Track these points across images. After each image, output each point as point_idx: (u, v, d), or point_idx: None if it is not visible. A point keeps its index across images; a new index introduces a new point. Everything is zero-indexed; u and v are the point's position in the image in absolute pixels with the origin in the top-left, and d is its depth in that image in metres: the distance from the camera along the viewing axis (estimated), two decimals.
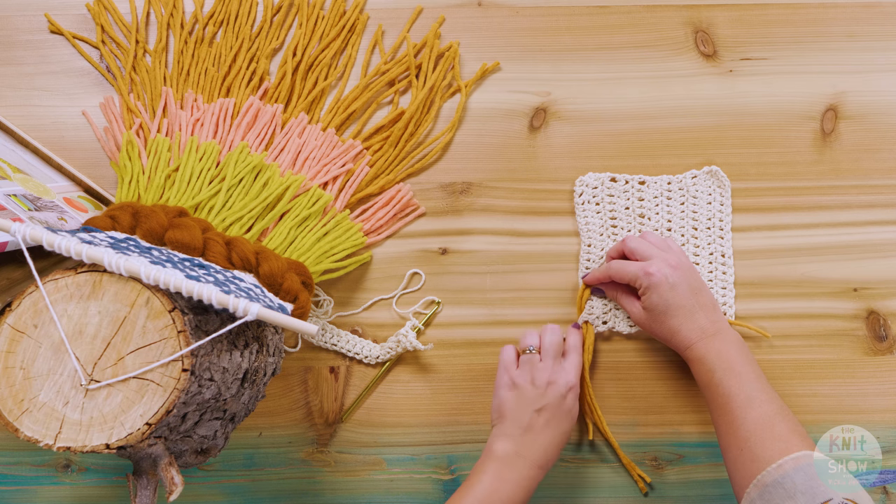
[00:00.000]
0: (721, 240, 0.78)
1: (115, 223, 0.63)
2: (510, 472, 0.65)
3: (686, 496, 0.75)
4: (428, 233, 0.80)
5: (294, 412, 0.77)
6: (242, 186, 0.75)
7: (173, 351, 0.53)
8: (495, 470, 0.65)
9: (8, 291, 0.65)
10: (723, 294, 0.77)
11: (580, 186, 0.79)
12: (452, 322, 0.78)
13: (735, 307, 0.77)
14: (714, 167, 0.79)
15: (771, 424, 0.62)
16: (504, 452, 0.66)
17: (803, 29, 0.83)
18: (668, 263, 0.69)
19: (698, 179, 0.79)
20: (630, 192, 0.79)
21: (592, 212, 0.78)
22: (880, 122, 0.81)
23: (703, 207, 0.79)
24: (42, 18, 0.84)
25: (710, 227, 0.78)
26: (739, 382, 0.65)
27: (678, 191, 0.79)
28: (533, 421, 0.67)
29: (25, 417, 0.53)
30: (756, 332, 0.76)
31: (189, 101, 0.80)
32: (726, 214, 0.78)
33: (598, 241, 0.78)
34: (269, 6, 0.84)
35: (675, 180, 0.79)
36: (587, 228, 0.78)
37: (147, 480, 0.56)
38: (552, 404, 0.68)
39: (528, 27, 0.84)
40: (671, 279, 0.69)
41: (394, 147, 0.81)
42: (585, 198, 0.79)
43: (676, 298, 0.68)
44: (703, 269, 0.77)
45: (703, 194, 0.79)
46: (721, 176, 0.78)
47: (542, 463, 0.66)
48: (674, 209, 0.79)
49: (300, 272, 0.69)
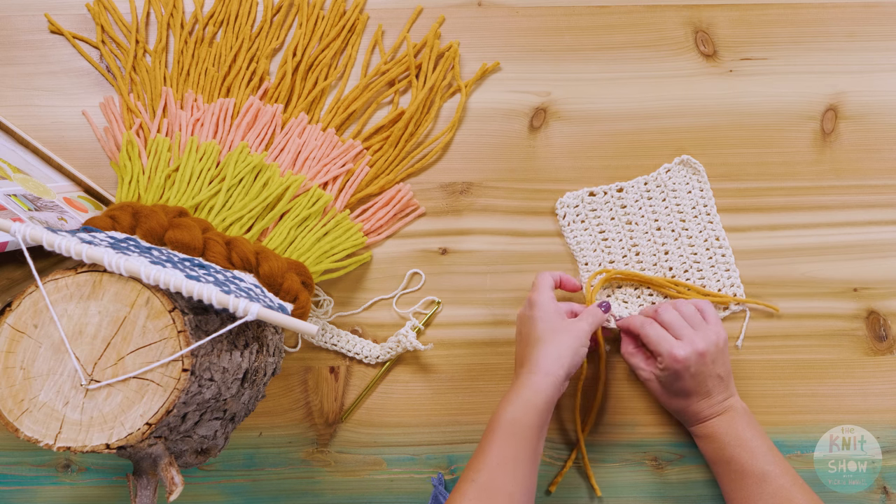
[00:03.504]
0: (711, 224, 0.78)
1: (115, 223, 0.63)
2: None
3: (686, 496, 0.75)
4: (428, 233, 0.80)
5: (294, 412, 0.77)
6: (242, 186, 0.75)
7: (173, 351, 0.53)
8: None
9: (8, 291, 0.65)
10: (728, 276, 0.77)
11: (561, 209, 0.79)
12: (452, 322, 0.78)
13: (743, 286, 0.77)
14: (685, 156, 0.79)
15: (788, 498, 0.62)
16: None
17: (803, 29, 0.83)
18: (696, 350, 0.67)
19: (672, 172, 0.79)
20: (611, 202, 0.79)
21: (580, 230, 0.78)
22: (880, 122, 0.81)
23: (685, 197, 0.79)
24: (42, 18, 0.84)
25: (697, 215, 0.78)
26: (752, 457, 0.64)
27: (656, 188, 0.79)
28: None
29: (25, 417, 0.53)
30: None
31: (189, 101, 0.80)
32: (709, 199, 0.79)
33: (594, 258, 0.78)
34: (269, 6, 0.84)
35: (651, 179, 0.79)
36: (579, 248, 0.78)
37: (147, 480, 0.56)
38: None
39: (527, 27, 0.83)
40: (693, 369, 0.67)
41: (394, 147, 0.81)
42: (569, 218, 0.79)
43: (694, 385, 0.68)
44: (701, 256, 0.77)
45: (681, 185, 0.79)
46: (693, 163, 0.79)
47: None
48: (657, 207, 0.79)
49: (300, 272, 0.69)
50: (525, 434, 0.62)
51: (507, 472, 0.60)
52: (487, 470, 0.60)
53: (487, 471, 0.60)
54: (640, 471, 0.76)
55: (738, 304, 0.76)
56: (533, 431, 0.62)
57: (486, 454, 0.61)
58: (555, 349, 0.66)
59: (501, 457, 0.61)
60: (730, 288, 0.77)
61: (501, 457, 0.61)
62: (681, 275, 0.77)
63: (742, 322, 0.77)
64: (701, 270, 0.77)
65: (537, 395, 0.63)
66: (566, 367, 0.65)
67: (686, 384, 0.68)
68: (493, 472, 0.60)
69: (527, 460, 0.61)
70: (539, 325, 0.68)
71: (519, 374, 0.66)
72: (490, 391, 0.76)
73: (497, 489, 0.59)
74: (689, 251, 0.77)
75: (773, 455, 0.65)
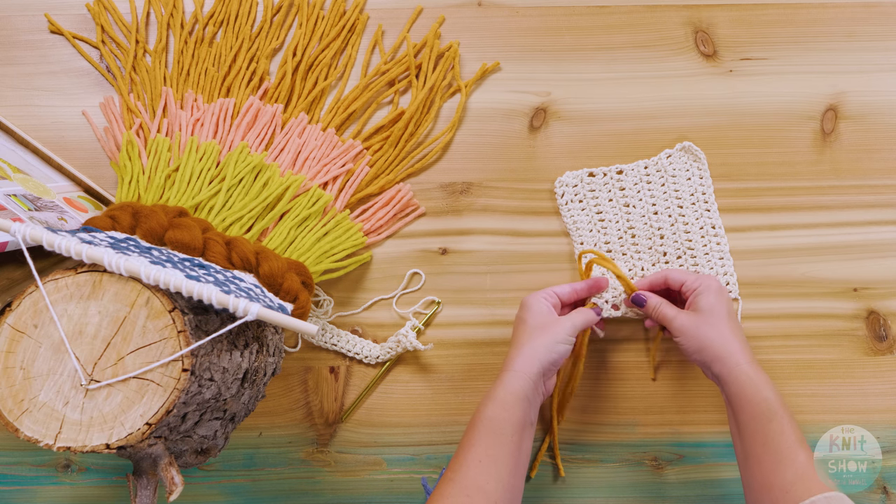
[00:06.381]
0: (708, 212, 0.78)
1: (115, 223, 0.63)
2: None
3: (686, 496, 0.75)
4: (428, 233, 0.80)
5: (294, 412, 0.77)
6: (242, 186, 0.75)
7: (173, 351, 0.53)
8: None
9: (8, 291, 0.65)
10: (721, 265, 0.77)
11: (560, 187, 0.79)
12: (452, 322, 0.78)
13: (736, 275, 0.77)
14: (687, 143, 0.79)
15: (815, 471, 0.60)
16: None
17: (803, 29, 0.83)
18: (718, 280, 0.70)
19: (673, 157, 0.79)
20: (610, 184, 0.79)
21: (577, 210, 0.79)
22: (880, 122, 0.81)
23: (684, 184, 0.79)
24: (42, 18, 0.84)
25: (695, 203, 0.78)
26: (793, 422, 0.63)
27: (656, 173, 0.79)
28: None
29: (25, 417, 0.53)
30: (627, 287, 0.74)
31: (189, 101, 0.80)
32: (707, 187, 0.79)
33: (590, 238, 0.78)
34: (269, 6, 0.84)
35: (652, 163, 0.79)
36: (576, 227, 0.78)
37: (147, 480, 0.56)
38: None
39: (527, 27, 0.83)
40: (724, 290, 0.69)
41: (394, 147, 0.81)
42: (567, 198, 0.79)
43: (728, 307, 0.68)
44: (696, 243, 0.77)
45: (681, 171, 0.79)
46: (695, 150, 0.79)
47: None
48: (656, 191, 0.79)
49: (300, 272, 0.69)
50: (502, 431, 0.62)
51: (483, 470, 0.60)
52: (465, 468, 0.60)
53: (465, 469, 0.60)
54: (640, 471, 0.76)
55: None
56: (509, 428, 0.62)
57: (463, 452, 0.62)
58: (530, 347, 0.66)
59: (478, 455, 0.61)
60: (723, 276, 0.77)
61: (478, 455, 0.61)
62: (674, 260, 0.77)
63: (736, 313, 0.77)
64: (695, 257, 0.77)
65: (509, 393, 0.64)
66: (539, 363, 0.66)
67: (722, 300, 0.68)
68: (470, 470, 0.60)
69: (505, 457, 0.61)
70: (525, 324, 0.68)
71: (499, 373, 0.67)
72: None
73: (474, 486, 0.59)
74: (685, 237, 0.78)
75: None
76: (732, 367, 0.65)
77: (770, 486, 0.60)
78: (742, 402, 0.64)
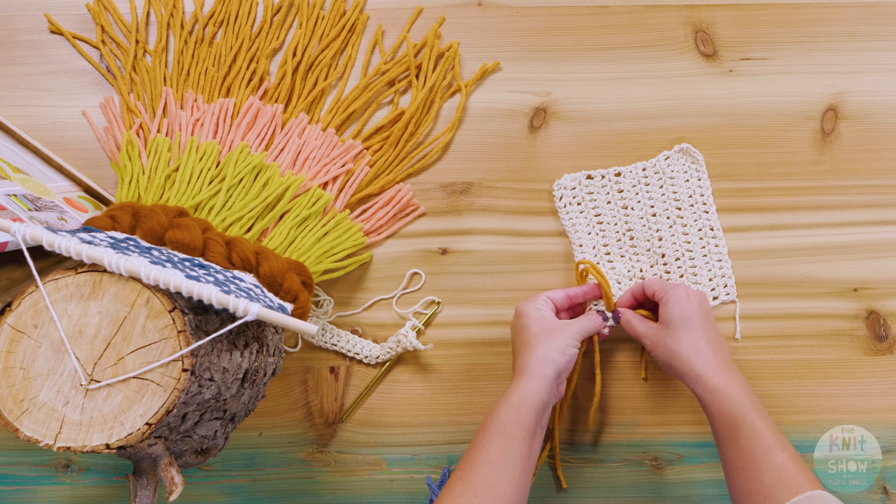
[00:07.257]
0: (706, 214, 0.78)
1: (115, 223, 0.63)
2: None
3: (686, 496, 0.75)
4: (428, 233, 0.80)
5: (294, 412, 0.77)
6: (242, 186, 0.75)
7: (173, 351, 0.53)
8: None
9: (8, 291, 0.65)
10: (719, 267, 0.77)
11: (558, 190, 0.79)
12: (452, 322, 0.78)
13: (734, 277, 0.77)
14: (685, 144, 0.79)
15: (795, 471, 0.60)
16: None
17: (803, 29, 0.83)
18: (688, 288, 0.70)
19: (671, 159, 0.79)
20: (609, 186, 0.79)
21: (576, 212, 0.79)
22: (880, 122, 0.81)
23: (682, 186, 0.79)
24: (42, 18, 0.84)
25: (693, 204, 0.78)
26: (766, 424, 0.62)
27: (654, 175, 0.79)
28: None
29: (25, 417, 0.53)
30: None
31: (189, 101, 0.80)
32: (706, 189, 0.79)
33: (589, 241, 0.78)
34: (269, 6, 0.84)
35: (650, 165, 0.79)
36: (574, 230, 0.78)
37: (147, 480, 0.56)
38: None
39: (528, 27, 0.83)
40: (692, 297, 0.68)
41: (394, 147, 0.81)
42: (566, 200, 0.79)
43: (695, 314, 0.67)
44: (694, 245, 0.77)
45: (679, 173, 0.79)
46: (693, 152, 0.79)
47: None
48: (654, 193, 0.79)
49: (300, 272, 0.69)
50: (514, 434, 0.62)
51: (493, 471, 0.61)
52: (475, 468, 0.61)
53: (475, 469, 0.61)
54: (640, 471, 0.76)
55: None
56: (522, 431, 0.63)
57: (474, 453, 0.62)
58: (542, 351, 0.66)
59: (489, 456, 0.61)
60: (721, 279, 0.77)
61: (489, 456, 0.61)
62: (672, 262, 0.77)
63: (734, 315, 0.77)
64: (693, 259, 0.77)
65: (524, 397, 0.64)
66: (554, 366, 0.65)
67: (686, 310, 0.67)
68: (479, 470, 0.61)
69: (515, 460, 0.62)
70: (528, 329, 0.68)
71: (512, 378, 0.67)
72: (490, 391, 0.76)
73: (482, 486, 0.60)
74: (683, 239, 0.78)
75: (775, 427, 0.63)
76: (695, 379, 0.65)
77: (749, 492, 0.60)
78: (711, 411, 0.64)
